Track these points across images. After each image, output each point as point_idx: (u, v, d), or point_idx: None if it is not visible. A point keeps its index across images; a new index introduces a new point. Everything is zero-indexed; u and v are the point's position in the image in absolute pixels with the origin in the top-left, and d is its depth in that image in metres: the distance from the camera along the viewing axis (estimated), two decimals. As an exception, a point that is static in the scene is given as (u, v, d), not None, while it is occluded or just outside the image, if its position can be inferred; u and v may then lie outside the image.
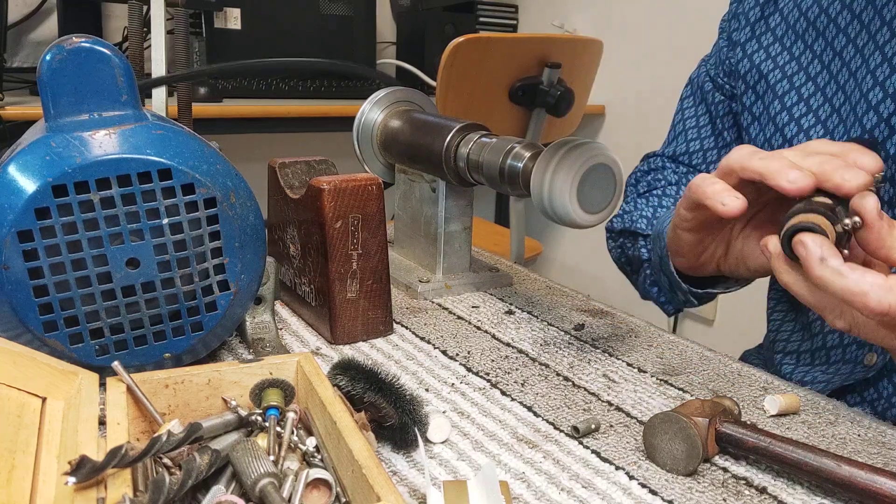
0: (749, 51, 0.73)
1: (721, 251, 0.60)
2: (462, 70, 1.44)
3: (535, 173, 0.53)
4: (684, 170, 0.82)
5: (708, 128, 0.81)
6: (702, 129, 0.81)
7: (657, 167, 0.83)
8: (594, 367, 0.56)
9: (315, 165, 0.66)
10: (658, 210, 0.77)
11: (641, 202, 0.80)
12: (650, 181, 0.83)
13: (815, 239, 0.43)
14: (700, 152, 0.81)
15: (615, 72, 2.09)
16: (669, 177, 0.82)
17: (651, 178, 0.83)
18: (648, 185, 0.82)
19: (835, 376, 0.65)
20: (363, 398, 0.42)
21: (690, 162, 0.82)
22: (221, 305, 0.50)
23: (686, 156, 0.82)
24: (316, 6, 1.94)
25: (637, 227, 0.76)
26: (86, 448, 0.35)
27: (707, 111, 0.81)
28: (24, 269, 0.43)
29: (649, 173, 0.84)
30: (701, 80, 0.81)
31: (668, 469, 0.43)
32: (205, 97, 1.64)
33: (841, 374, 0.65)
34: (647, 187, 0.83)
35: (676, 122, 0.84)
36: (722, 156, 0.78)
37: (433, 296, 0.70)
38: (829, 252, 0.43)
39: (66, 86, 0.46)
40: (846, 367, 0.65)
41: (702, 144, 0.81)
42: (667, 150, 0.84)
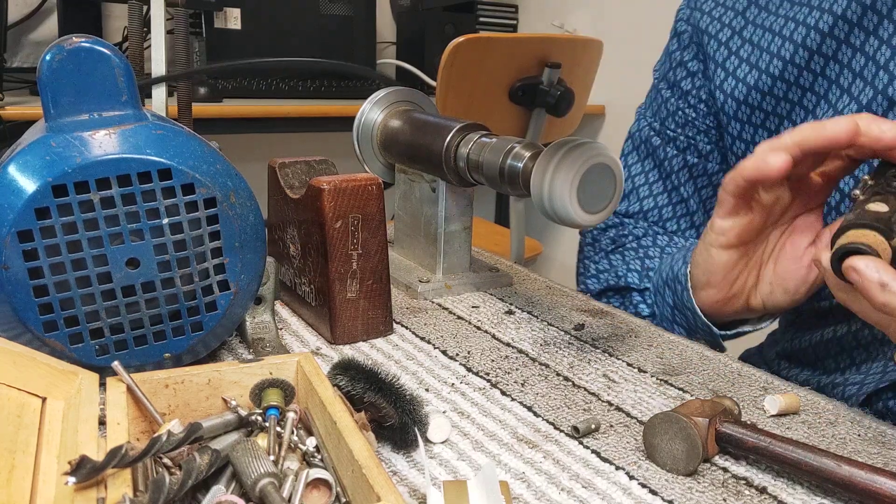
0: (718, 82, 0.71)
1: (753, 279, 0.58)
2: (462, 70, 1.44)
3: (535, 173, 0.53)
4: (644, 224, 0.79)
5: (659, 184, 0.78)
6: (652, 185, 0.78)
7: (614, 224, 0.80)
8: (594, 367, 0.56)
9: (315, 165, 0.66)
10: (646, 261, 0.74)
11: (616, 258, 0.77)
12: (613, 237, 0.79)
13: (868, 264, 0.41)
14: (655, 210, 0.78)
15: (615, 72, 2.09)
16: (635, 231, 0.78)
17: (613, 234, 0.79)
18: (613, 241, 0.79)
19: (867, 377, 0.63)
20: (363, 398, 0.42)
21: (647, 219, 0.79)
22: (221, 305, 0.50)
23: (640, 214, 0.79)
24: (316, 6, 1.94)
25: (629, 282, 0.73)
26: (86, 448, 0.35)
27: (656, 166, 0.78)
28: (24, 269, 0.43)
29: (606, 230, 0.81)
30: (645, 135, 0.79)
31: (668, 469, 0.43)
32: (205, 97, 1.64)
33: (873, 374, 0.63)
34: (612, 244, 0.79)
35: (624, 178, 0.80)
36: (679, 212, 0.77)
37: (433, 296, 0.70)
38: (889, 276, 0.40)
39: (66, 86, 0.46)
40: (877, 366, 0.63)
41: (655, 202, 0.78)
42: (619, 208, 0.80)
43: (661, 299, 0.67)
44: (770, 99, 0.68)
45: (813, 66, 0.65)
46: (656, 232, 0.78)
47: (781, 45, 0.67)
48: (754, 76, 0.68)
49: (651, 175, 0.78)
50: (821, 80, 0.65)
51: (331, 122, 1.73)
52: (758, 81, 0.68)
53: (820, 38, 0.64)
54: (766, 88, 0.68)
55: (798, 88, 0.66)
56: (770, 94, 0.68)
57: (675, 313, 0.64)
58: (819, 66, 0.64)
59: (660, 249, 0.75)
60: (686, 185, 0.77)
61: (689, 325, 0.64)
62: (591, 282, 0.78)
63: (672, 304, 0.64)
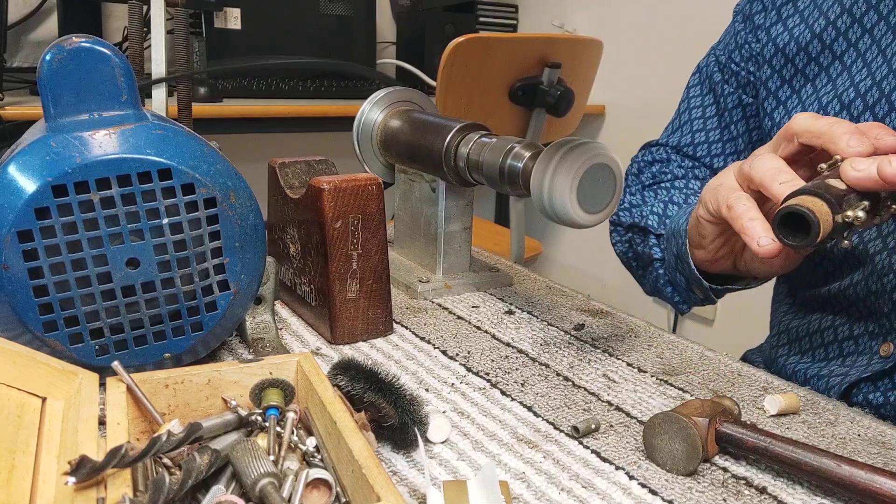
0: (773, 34, 0.72)
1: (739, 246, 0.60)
2: (462, 70, 1.44)
3: (535, 173, 0.53)
4: (689, 163, 0.80)
5: (714, 119, 0.79)
6: (708, 120, 0.79)
7: (661, 158, 0.81)
8: (594, 367, 0.56)
9: (315, 165, 0.66)
10: (669, 206, 0.76)
11: (649, 195, 0.78)
12: (655, 173, 0.80)
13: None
14: (705, 144, 0.79)
15: (615, 72, 2.09)
16: (675, 170, 0.80)
17: (656, 169, 0.81)
18: (654, 176, 0.80)
19: (851, 369, 0.64)
20: (363, 398, 0.42)
21: (695, 154, 0.80)
22: (221, 305, 0.50)
23: (691, 147, 0.80)
24: (316, 6, 1.93)
25: (648, 224, 0.75)
26: (86, 448, 0.35)
27: (715, 102, 0.79)
28: (24, 269, 0.43)
29: (653, 164, 0.82)
30: (710, 70, 0.79)
31: (668, 469, 0.43)
32: (205, 97, 1.64)
33: (858, 366, 0.64)
34: (652, 179, 0.81)
35: (682, 110, 0.81)
36: (727, 150, 0.78)
37: (433, 296, 0.70)
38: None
39: (66, 86, 0.46)
40: (862, 359, 0.64)
41: (707, 136, 0.79)
42: (670, 139, 0.82)
43: (668, 247, 0.69)
44: (803, 55, 0.69)
45: (850, 34, 0.65)
46: (695, 175, 0.79)
47: (831, 6, 0.67)
48: (800, 29, 0.69)
49: (709, 110, 0.79)
50: (851, 50, 0.65)
51: (331, 122, 1.73)
52: (800, 35, 0.69)
53: (866, 7, 0.64)
54: (804, 43, 0.68)
55: (830, 53, 0.67)
56: (804, 51, 0.69)
57: (678, 262, 0.66)
58: (855, 35, 0.65)
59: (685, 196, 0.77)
60: (738, 124, 0.77)
61: (686, 275, 0.66)
62: (623, 214, 0.79)
63: (675, 253, 0.66)
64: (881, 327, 0.63)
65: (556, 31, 2.32)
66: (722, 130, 0.78)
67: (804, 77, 0.69)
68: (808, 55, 0.68)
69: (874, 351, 0.63)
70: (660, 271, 0.74)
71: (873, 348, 0.63)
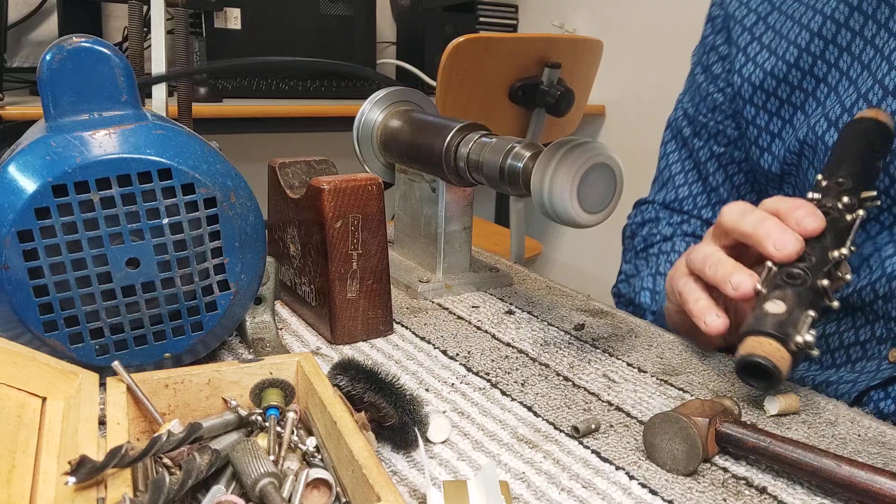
0: (746, 74, 0.73)
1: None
2: (462, 70, 1.44)
3: (535, 173, 0.53)
4: (678, 219, 0.82)
5: (693, 173, 0.80)
6: (687, 174, 0.81)
7: (650, 218, 0.83)
8: (594, 367, 0.56)
9: (315, 165, 0.66)
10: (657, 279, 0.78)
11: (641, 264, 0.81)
12: (645, 236, 0.83)
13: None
14: (689, 198, 0.81)
15: (615, 72, 2.09)
16: (664, 230, 0.82)
17: (646, 231, 0.83)
18: (644, 240, 0.83)
19: (861, 375, 0.64)
20: (363, 398, 0.42)
21: (682, 208, 0.82)
22: (221, 305, 0.50)
23: (676, 202, 0.82)
24: (316, 6, 1.94)
25: (642, 301, 0.77)
26: (86, 448, 0.35)
27: (689, 156, 0.81)
28: (24, 269, 0.43)
29: (643, 226, 0.84)
30: (679, 125, 0.81)
31: (668, 469, 0.43)
32: (205, 97, 1.64)
33: (867, 372, 0.64)
34: (643, 243, 0.83)
35: (662, 167, 0.83)
36: (712, 200, 0.80)
37: (433, 296, 0.70)
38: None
39: (66, 86, 0.46)
40: (871, 365, 0.64)
41: (690, 190, 0.81)
42: (657, 196, 0.84)
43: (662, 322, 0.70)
44: (785, 87, 0.70)
45: (827, 56, 0.66)
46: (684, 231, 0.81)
47: (799, 34, 0.68)
48: (771, 62, 0.70)
49: (686, 164, 0.81)
50: (834, 71, 0.66)
51: (331, 122, 1.73)
52: (774, 68, 0.70)
53: (836, 29, 0.65)
54: (782, 76, 0.69)
55: (812, 78, 0.68)
56: (785, 82, 0.69)
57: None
58: (833, 56, 0.66)
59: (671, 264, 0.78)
60: (716, 175, 0.79)
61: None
62: (623, 286, 0.82)
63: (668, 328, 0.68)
64: (889, 332, 0.62)
65: (556, 31, 2.32)
66: (702, 183, 0.80)
67: (792, 106, 0.70)
68: (790, 85, 0.69)
69: (882, 356, 0.63)
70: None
71: (881, 353, 0.63)
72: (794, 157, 0.68)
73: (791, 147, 0.69)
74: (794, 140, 0.68)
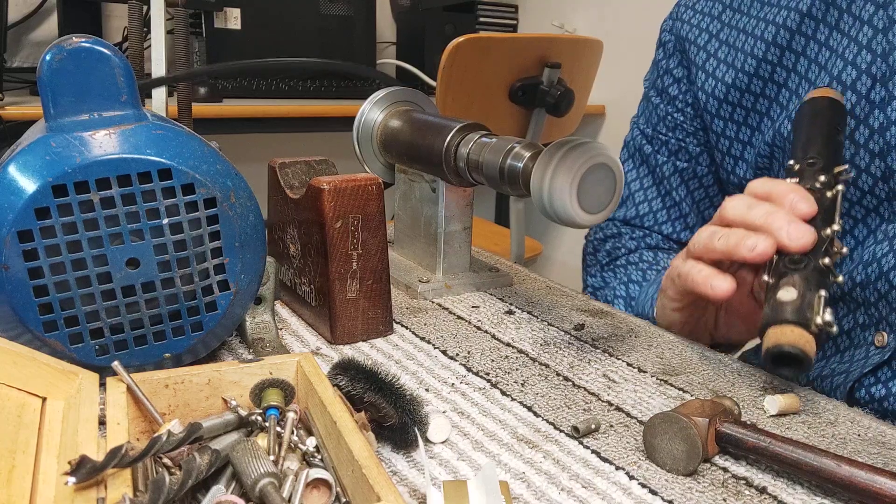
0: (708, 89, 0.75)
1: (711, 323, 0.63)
2: (462, 70, 1.44)
3: (535, 173, 0.53)
4: (640, 233, 0.83)
5: (653, 189, 0.82)
6: (647, 190, 0.82)
7: (612, 234, 0.84)
8: (594, 367, 0.56)
9: (315, 165, 0.66)
10: (630, 286, 0.79)
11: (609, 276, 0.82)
12: (609, 250, 0.84)
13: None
14: (650, 214, 0.83)
15: (615, 72, 2.09)
16: (628, 243, 0.83)
17: (609, 246, 0.84)
18: (608, 254, 0.84)
19: (852, 365, 0.65)
20: (363, 398, 0.42)
21: (643, 225, 0.83)
22: (221, 305, 0.50)
23: (637, 219, 0.83)
24: (316, 6, 1.94)
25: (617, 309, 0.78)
26: (86, 448, 0.35)
27: (650, 172, 0.82)
28: (24, 269, 0.43)
29: (606, 241, 0.85)
30: (638, 143, 0.83)
31: (668, 469, 0.43)
32: (205, 97, 1.64)
33: (857, 360, 0.65)
34: (607, 257, 0.84)
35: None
36: (673, 215, 0.82)
37: (433, 296, 0.70)
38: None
39: (66, 86, 0.46)
40: (859, 352, 0.64)
41: (650, 207, 0.82)
42: (617, 213, 0.85)
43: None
44: (749, 96, 0.72)
45: (785, 62, 0.69)
46: (647, 244, 0.82)
47: (754, 45, 0.71)
48: (731, 75, 0.72)
49: (646, 181, 0.83)
50: (793, 75, 0.68)
51: (331, 122, 1.73)
52: (735, 79, 0.72)
53: (789, 36, 0.68)
54: (744, 86, 0.71)
55: (774, 84, 0.70)
56: (748, 91, 0.71)
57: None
58: (791, 62, 0.68)
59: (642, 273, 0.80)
60: (678, 189, 0.81)
61: None
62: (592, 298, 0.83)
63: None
64: (870, 317, 0.63)
65: (556, 31, 2.32)
66: (663, 198, 0.82)
67: (758, 113, 0.72)
68: (753, 94, 0.71)
69: (869, 342, 0.64)
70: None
71: (868, 339, 0.64)
72: (765, 160, 0.70)
73: (762, 152, 0.71)
74: (763, 145, 0.70)
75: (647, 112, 0.83)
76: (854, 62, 0.62)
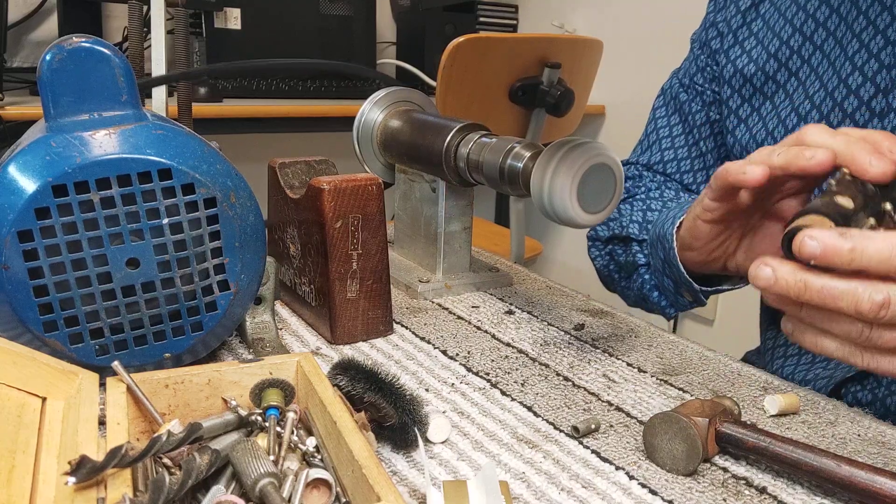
0: (732, 56, 0.74)
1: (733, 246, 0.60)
2: (462, 70, 1.44)
3: (535, 173, 0.53)
4: (661, 178, 0.82)
5: (682, 137, 0.81)
6: (676, 138, 0.82)
7: (633, 175, 0.84)
8: (594, 367, 0.56)
9: (315, 165, 0.66)
10: (647, 213, 0.78)
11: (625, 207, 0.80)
12: (628, 188, 0.83)
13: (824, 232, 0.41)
14: (674, 161, 0.81)
15: (615, 72, 2.09)
16: (648, 184, 0.82)
17: (629, 185, 0.83)
18: (627, 191, 0.83)
19: (836, 371, 0.65)
20: (363, 398, 0.42)
21: (665, 171, 0.82)
22: (221, 305, 0.50)
23: (661, 164, 0.82)
24: (316, 6, 1.94)
25: (630, 233, 0.77)
26: (86, 448, 0.35)
27: (681, 120, 0.81)
28: (24, 269, 0.43)
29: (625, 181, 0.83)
30: (675, 91, 0.82)
31: (668, 469, 0.43)
32: (205, 97, 1.64)
33: (842, 368, 0.65)
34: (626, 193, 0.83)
35: (650, 131, 0.84)
36: (696, 166, 0.81)
37: (433, 296, 0.70)
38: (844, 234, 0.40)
39: (66, 86, 0.46)
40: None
41: (676, 154, 0.81)
42: (641, 157, 0.84)
43: (654, 252, 0.70)
44: (760, 75, 0.71)
45: (803, 52, 0.68)
46: (668, 187, 0.81)
47: (783, 27, 0.70)
48: (757, 50, 0.72)
49: (676, 128, 0.82)
50: (805, 66, 0.68)
51: (331, 122, 1.73)
52: (757, 56, 0.72)
53: (814, 27, 0.67)
54: (761, 63, 0.71)
55: (786, 70, 0.69)
56: (761, 70, 0.71)
57: (665, 267, 0.67)
58: (808, 52, 0.68)
59: (662, 203, 0.78)
60: (707, 140, 0.80)
61: (675, 279, 0.66)
62: (601, 228, 0.81)
63: (662, 258, 0.67)
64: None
65: (556, 31, 2.32)
66: (690, 147, 0.80)
67: (763, 95, 0.71)
68: (766, 74, 0.71)
69: None
70: (645, 276, 0.75)
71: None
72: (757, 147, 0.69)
73: (757, 137, 0.70)
74: (761, 129, 0.70)
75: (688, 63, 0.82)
76: (862, 69, 0.62)
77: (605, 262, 0.81)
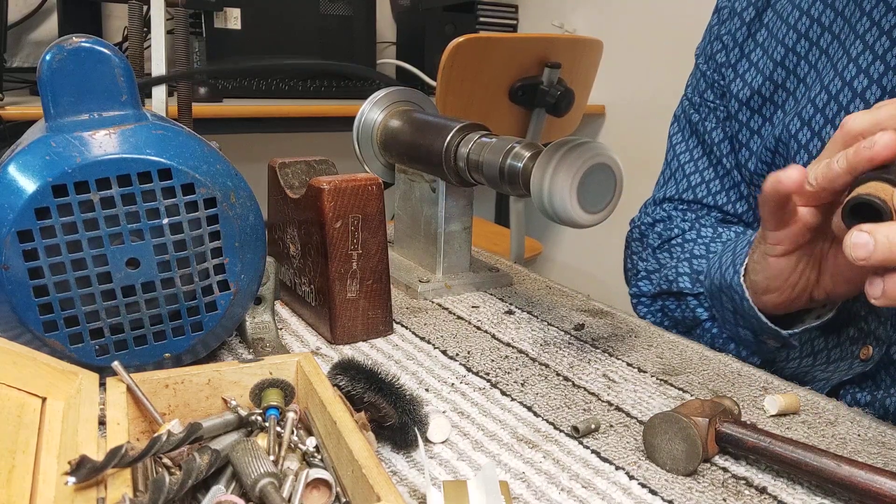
0: (740, 70, 0.73)
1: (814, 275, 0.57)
2: (462, 70, 1.44)
3: (535, 173, 0.53)
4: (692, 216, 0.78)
5: (704, 159, 0.78)
6: (698, 161, 0.79)
7: (661, 218, 0.80)
8: (594, 367, 0.56)
9: (315, 165, 0.66)
10: (694, 262, 0.73)
11: (664, 257, 0.76)
12: (660, 232, 0.79)
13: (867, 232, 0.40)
14: (703, 185, 0.78)
15: (615, 72, 2.09)
16: (680, 224, 0.78)
17: (660, 228, 0.79)
18: (660, 236, 0.79)
19: (834, 374, 0.65)
20: (363, 398, 0.42)
21: (696, 198, 0.78)
22: (221, 305, 0.50)
23: (689, 191, 0.78)
24: (316, 6, 1.94)
25: (681, 287, 0.72)
26: (86, 448, 0.35)
27: (700, 143, 0.78)
28: (24, 269, 0.43)
29: (654, 225, 0.80)
30: (687, 114, 0.80)
31: (668, 469, 0.43)
32: (205, 97, 1.64)
33: (840, 370, 0.65)
34: (659, 239, 0.79)
35: (670, 159, 0.81)
36: (726, 184, 0.77)
37: (433, 296, 0.70)
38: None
39: (66, 86, 0.46)
40: (844, 364, 0.65)
41: (702, 177, 0.78)
42: (667, 191, 0.80)
43: (719, 304, 0.66)
44: (769, 84, 0.70)
45: (811, 57, 0.67)
46: (702, 224, 0.77)
47: (787, 33, 0.69)
48: (764, 61, 0.71)
49: (695, 152, 0.79)
50: (812, 71, 0.67)
51: (331, 122, 1.73)
52: (764, 67, 0.71)
53: (820, 31, 0.66)
54: (769, 73, 0.70)
55: (794, 77, 0.68)
56: (769, 80, 0.70)
57: (738, 318, 0.63)
58: (815, 57, 0.67)
59: (705, 247, 0.74)
60: (728, 157, 0.76)
61: (753, 328, 0.62)
62: (644, 284, 0.77)
63: (732, 309, 0.63)
64: (860, 332, 0.63)
65: (556, 31, 2.32)
66: (715, 168, 0.77)
67: (773, 104, 0.70)
68: (774, 83, 0.70)
69: (854, 356, 0.64)
70: (713, 331, 0.70)
71: (854, 353, 0.64)
72: (769, 154, 0.69)
73: (768, 145, 0.69)
74: (770, 138, 0.69)
75: (694, 80, 0.80)
76: (867, 71, 0.61)
77: (659, 320, 0.76)
